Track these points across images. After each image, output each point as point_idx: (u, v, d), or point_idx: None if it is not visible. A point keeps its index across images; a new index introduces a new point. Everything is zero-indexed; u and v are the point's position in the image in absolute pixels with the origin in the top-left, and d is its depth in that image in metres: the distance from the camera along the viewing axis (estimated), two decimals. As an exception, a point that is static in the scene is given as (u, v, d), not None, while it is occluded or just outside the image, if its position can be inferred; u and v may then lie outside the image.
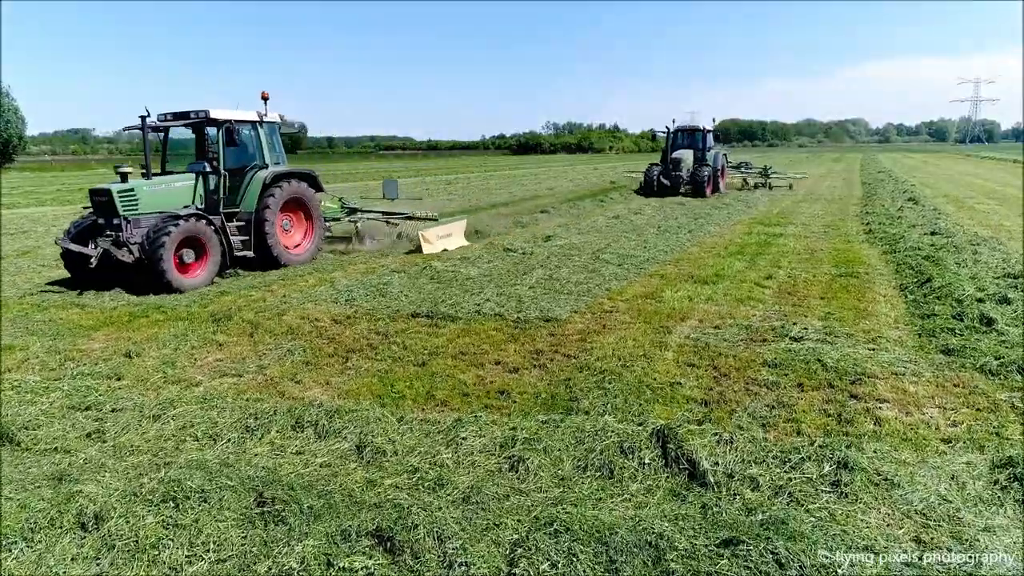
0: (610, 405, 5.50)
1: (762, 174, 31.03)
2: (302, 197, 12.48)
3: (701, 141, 27.07)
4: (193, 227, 10.33)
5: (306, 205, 12.66)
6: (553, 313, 8.47)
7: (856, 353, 6.73)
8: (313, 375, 6.43)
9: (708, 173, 25.42)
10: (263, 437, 4.88)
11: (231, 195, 11.68)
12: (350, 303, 9.15)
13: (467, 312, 8.55)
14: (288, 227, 12.47)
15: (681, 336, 7.50)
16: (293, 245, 12.51)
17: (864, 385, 5.90)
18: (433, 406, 5.62)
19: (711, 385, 6.01)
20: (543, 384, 6.08)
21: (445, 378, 6.27)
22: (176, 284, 9.97)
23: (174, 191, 10.97)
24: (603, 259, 12.37)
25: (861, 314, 8.44)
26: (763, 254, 12.93)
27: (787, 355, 6.69)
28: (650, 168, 27.27)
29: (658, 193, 25.86)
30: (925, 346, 7.05)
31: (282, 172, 12.13)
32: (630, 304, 9.06)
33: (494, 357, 6.87)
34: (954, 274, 9.62)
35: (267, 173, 11.86)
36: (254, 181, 11.79)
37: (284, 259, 11.97)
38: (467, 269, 11.39)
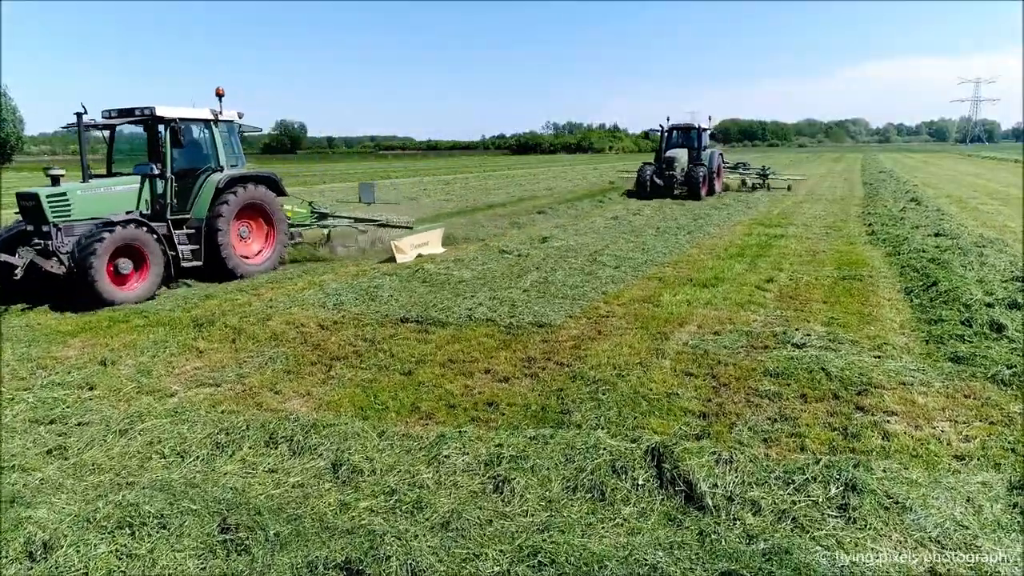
0: (603, 418, 5.22)
1: (760, 175, 29.82)
2: (261, 202, 11.53)
3: (696, 140, 25.86)
4: (130, 235, 9.37)
5: (266, 211, 11.68)
6: (547, 318, 8.19)
7: (861, 361, 6.45)
8: (294, 385, 6.14)
9: (703, 173, 24.22)
10: (234, 454, 4.60)
11: (181, 200, 10.76)
12: (338, 307, 8.87)
13: (458, 317, 8.27)
14: (246, 235, 11.51)
15: (679, 343, 7.22)
16: (251, 254, 11.57)
17: (871, 396, 5.62)
18: (417, 419, 5.34)
19: (710, 396, 5.73)
20: (534, 395, 5.80)
21: (431, 388, 5.99)
22: (109, 297, 9.03)
23: (115, 195, 10.03)
24: (600, 261, 12.09)
25: (865, 319, 8.16)
26: (764, 256, 12.64)
27: (789, 363, 6.41)
28: (643, 168, 25.72)
29: (651, 194, 24.61)
30: (933, 354, 6.77)
31: (238, 175, 11.21)
32: (627, 308, 8.78)
33: (484, 365, 6.59)
34: (960, 277, 9.34)
35: (221, 176, 10.93)
36: (206, 185, 10.87)
37: (240, 269, 11.01)
38: (460, 272, 11.10)
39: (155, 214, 10.38)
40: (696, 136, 25.96)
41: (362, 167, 66.91)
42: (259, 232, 11.80)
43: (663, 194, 24.54)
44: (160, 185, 10.46)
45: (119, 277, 9.34)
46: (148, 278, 9.66)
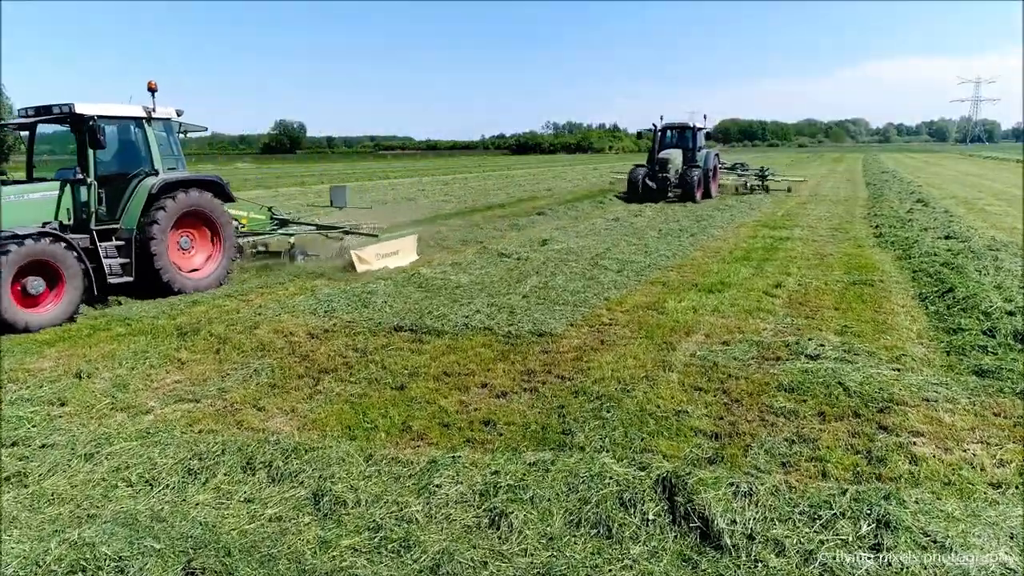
0: (608, 439, 4.85)
1: (758, 176, 28.32)
2: (204, 209, 10.25)
3: (691, 140, 24.54)
4: (41, 249, 8.16)
5: (211, 219, 10.38)
6: (547, 326, 7.82)
7: (880, 375, 6.09)
8: (278, 400, 5.77)
9: (698, 175, 22.96)
10: (207, 482, 4.23)
11: (110, 208, 9.56)
12: (329, 315, 8.50)
13: (454, 325, 7.90)
14: (188, 246, 10.24)
15: (686, 354, 6.85)
16: (194, 267, 10.32)
17: (893, 414, 5.25)
18: (408, 440, 4.97)
19: (722, 413, 5.37)
20: (534, 412, 5.43)
21: (425, 405, 5.62)
22: (13, 320, 7.86)
23: (28, 204, 8.85)
24: (602, 265, 11.73)
25: (880, 327, 7.79)
26: (770, 259, 12.28)
27: (804, 377, 6.04)
28: (634, 170, 24.21)
29: (643, 197, 23.09)
30: (955, 366, 6.40)
31: (176, 180, 9.94)
32: (630, 316, 8.42)
33: (481, 379, 6.22)
34: (977, 283, 8.97)
35: (155, 181, 9.67)
36: (138, 191, 9.65)
37: (179, 284, 9.80)
38: (457, 276, 10.74)
39: (79, 224, 9.24)
40: (691, 136, 24.67)
41: (361, 167, 66.56)
42: (203, 242, 10.49)
43: (656, 197, 23.15)
44: (84, 192, 9.28)
45: (29, 298, 8.14)
46: (65, 297, 8.40)
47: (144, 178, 9.81)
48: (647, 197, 23.17)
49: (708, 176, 24.07)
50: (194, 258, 10.40)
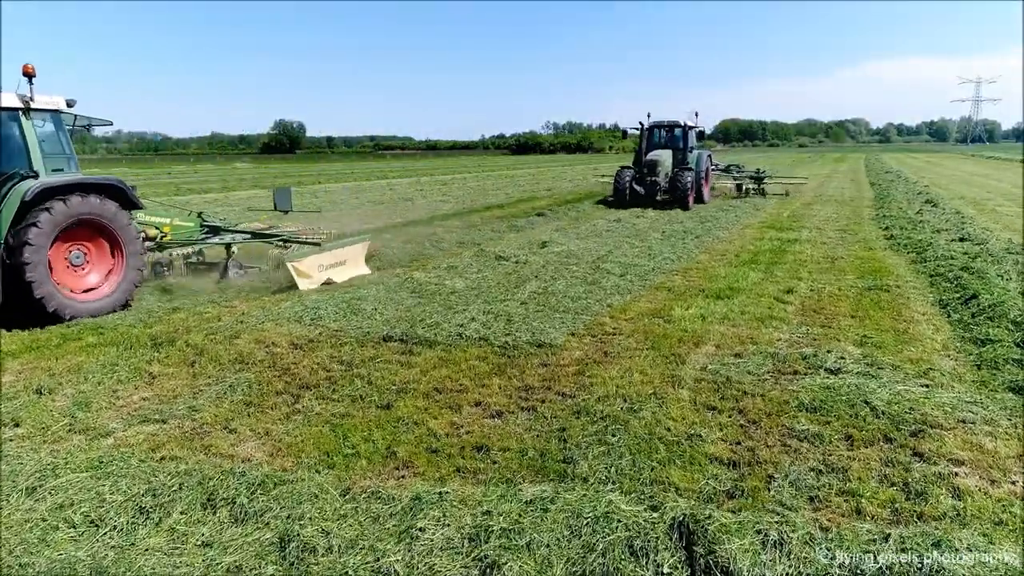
0: (615, 469, 4.36)
1: (754, 179, 26.27)
2: (101, 219, 8.61)
3: (682, 139, 22.25)
4: None
5: (109, 230, 8.75)
6: (547, 336, 7.33)
7: (909, 392, 5.59)
8: (252, 421, 5.27)
9: (690, 179, 20.68)
10: (161, 522, 3.73)
11: None
12: (316, 323, 8.01)
13: (448, 335, 7.40)
14: (80, 262, 8.64)
15: (696, 367, 6.36)
16: (89, 287, 8.67)
17: (929, 439, 4.76)
18: (392, 469, 4.47)
19: (739, 437, 4.87)
20: (531, 436, 4.93)
21: (412, 426, 5.13)
22: None
23: None
24: (604, 269, 11.23)
25: (902, 337, 7.30)
26: (779, 263, 11.79)
27: (826, 394, 5.55)
28: (620, 172, 21.70)
29: (631, 203, 20.94)
30: (989, 382, 5.91)
31: (60, 184, 8.25)
32: (635, 324, 7.92)
33: (474, 396, 5.72)
34: (1002, 289, 8.48)
35: (31, 186, 7.99)
36: (9, 198, 8.01)
37: (69, 310, 8.19)
38: (452, 281, 10.24)
39: None
40: (682, 135, 22.38)
41: (360, 167, 66.08)
42: (100, 257, 8.85)
43: (644, 203, 20.91)
44: None
45: None
46: None
47: (18, 182, 8.16)
48: (635, 203, 20.98)
49: (701, 179, 22.14)
50: (88, 276, 8.73)
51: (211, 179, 42.89)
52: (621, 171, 21.88)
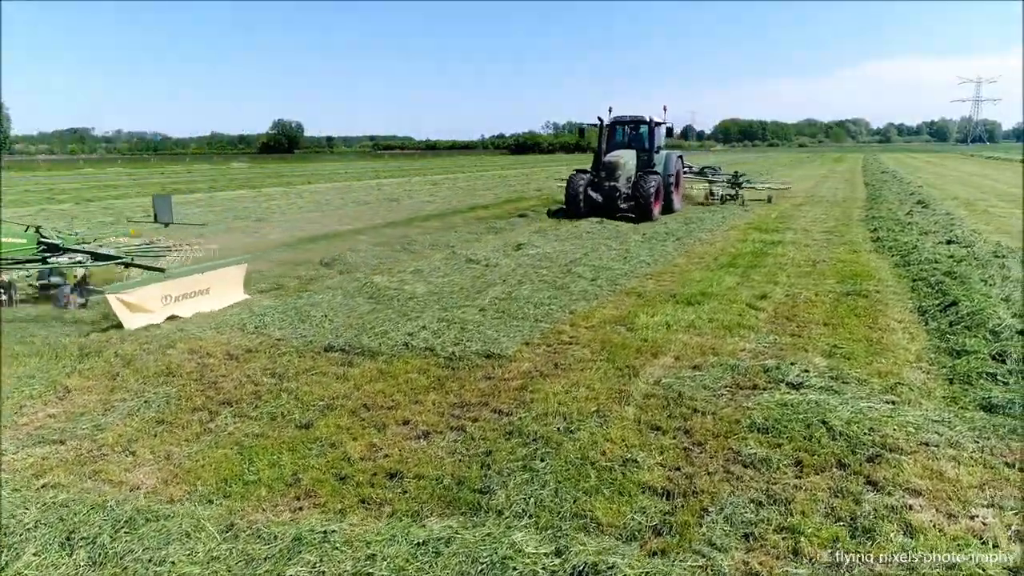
0: (534, 500, 3.95)
1: (731, 183, 23.47)
2: None
3: (647, 139, 18.94)
4: None
5: None
6: (498, 346, 6.92)
7: (872, 410, 5.18)
8: (156, 442, 4.87)
9: (655, 184, 17.52)
10: (7, 566, 3.32)
11: None
12: (259, 331, 7.60)
13: (393, 345, 6.99)
14: None
15: (649, 381, 5.94)
16: None
17: (885, 465, 4.35)
18: (291, 499, 4.06)
19: (679, 463, 4.46)
20: (453, 460, 4.52)
21: (327, 449, 4.72)
22: None
23: None
24: (575, 272, 10.83)
25: (874, 347, 6.89)
26: (758, 266, 11.37)
27: (783, 413, 5.14)
28: (574, 177, 18.40)
29: (587, 212, 17.83)
30: (959, 398, 5.50)
31: None
32: (595, 333, 7.51)
33: (404, 413, 5.31)
34: (983, 296, 8.06)
35: None
36: None
37: None
38: (414, 286, 9.83)
39: None
40: (647, 134, 19.02)
41: (355, 167, 65.74)
42: None
43: (602, 212, 17.82)
44: None
45: None
46: None
47: None
48: (592, 211, 17.89)
49: (669, 185, 19.13)
50: None
51: (202, 179, 42.49)
52: (575, 175, 18.50)
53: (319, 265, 11.49)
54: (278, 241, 14.86)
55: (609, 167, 18.02)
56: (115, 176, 47.74)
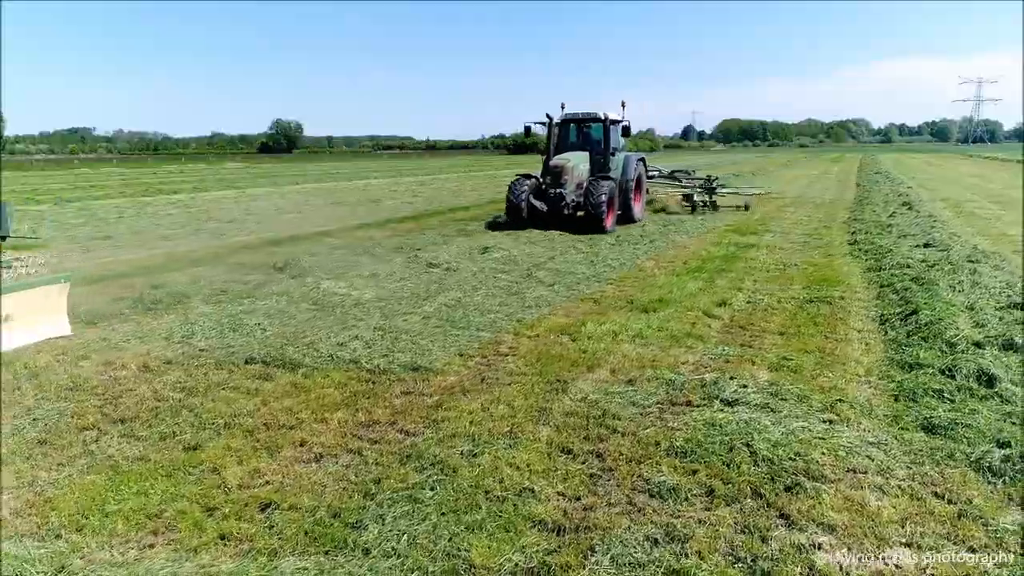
0: (408, 536, 3.60)
1: (705, 188, 20.79)
2: None
3: (603, 140, 16.73)
4: None
5: None
6: (428, 358, 6.57)
7: (804, 431, 4.82)
8: (26, 466, 4.52)
9: (608, 191, 15.35)
10: None
11: None
12: (185, 340, 7.25)
13: (318, 356, 6.64)
14: None
15: (576, 397, 5.59)
16: None
17: (803, 496, 3.99)
18: (145, 535, 3.71)
19: (580, 492, 4.10)
20: (336, 489, 4.17)
21: (207, 474, 4.37)
22: None
23: None
24: (535, 277, 10.49)
25: (825, 360, 6.53)
26: (726, 270, 11.01)
27: (707, 434, 4.78)
28: (516, 183, 16.10)
29: (530, 222, 15.63)
30: (901, 417, 5.13)
31: None
32: (536, 343, 7.16)
33: (304, 434, 4.96)
34: (946, 304, 7.69)
35: None
36: None
37: None
38: (363, 291, 9.48)
39: None
40: (602, 133, 16.78)
41: (349, 166, 65.48)
42: None
43: (549, 223, 15.58)
44: None
45: None
46: None
47: None
48: (536, 221, 15.70)
49: (628, 192, 16.77)
50: None
51: (191, 180, 42.17)
52: (517, 181, 16.24)
53: (272, 269, 11.13)
54: (241, 244, 14.52)
55: (554, 172, 15.83)
56: (106, 176, 47.42)
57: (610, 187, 15.63)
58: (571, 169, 15.81)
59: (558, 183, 15.70)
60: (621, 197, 16.48)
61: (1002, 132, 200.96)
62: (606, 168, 16.43)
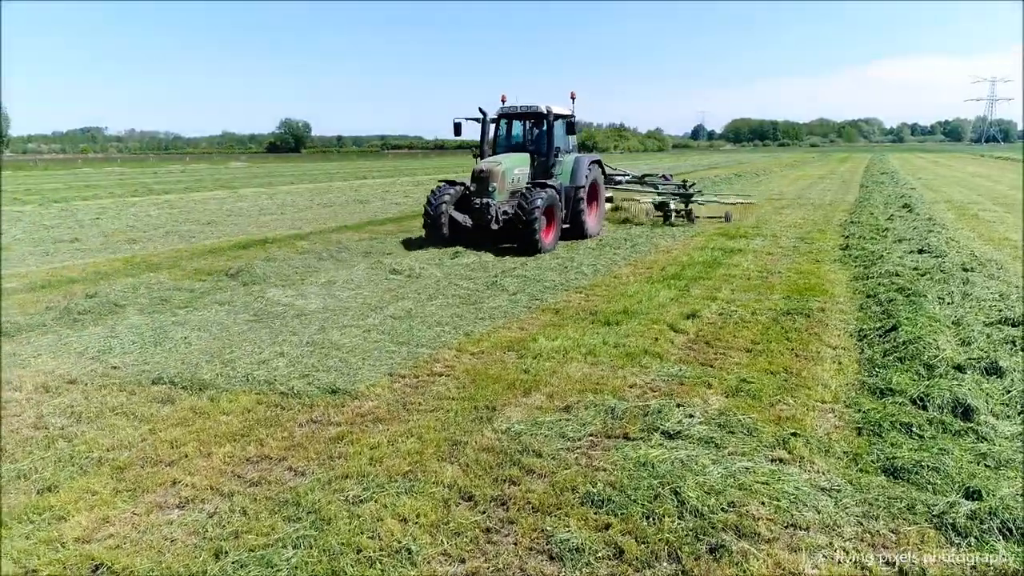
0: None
1: (680, 196, 17.66)
2: None
3: (545, 139, 13.95)
4: None
5: None
6: (352, 379, 5.99)
7: (747, 473, 4.21)
8: None
9: (545, 201, 12.35)
10: None
11: None
12: (100, 356, 6.71)
13: (234, 376, 6.07)
14: None
15: (500, 428, 4.98)
16: None
17: (726, 561, 3.37)
18: (-65, 607, 3.14)
19: (466, 553, 3.50)
20: (185, 546, 3.57)
21: (48, 523, 3.80)
22: None
23: None
24: (500, 284, 9.88)
25: (790, 382, 5.90)
26: (704, 278, 10.36)
27: (635, 476, 4.18)
28: (438, 191, 13.22)
29: (451, 238, 12.98)
30: (862, 456, 4.50)
31: None
32: (476, 361, 6.57)
33: (178, 472, 4.38)
34: (930, 319, 7.03)
35: None
36: None
37: None
38: (311, 300, 8.91)
39: None
40: (545, 131, 13.99)
41: (352, 166, 65.00)
42: None
43: (478, 241, 12.97)
44: None
45: None
46: None
47: None
48: (455, 237, 13.03)
49: (578, 200, 13.88)
50: None
51: (187, 180, 41.78)
52: (440, 188, 13.32)
53: (224, 275, 10.57)
54: (208, 247, 13.98)
55: (480, 178, 12.88)
56: (105, 176, 47.13)
57: (548, 196, 12.62)
58: (501, 174, 12.94)
59: (484, 191, 12.81)
60: (571, 207, 13.87)
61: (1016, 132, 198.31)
62: (547, 172, 13.80)
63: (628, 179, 20.29)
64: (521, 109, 14.13)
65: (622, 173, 20.55)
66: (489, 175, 12.86)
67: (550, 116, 13.83)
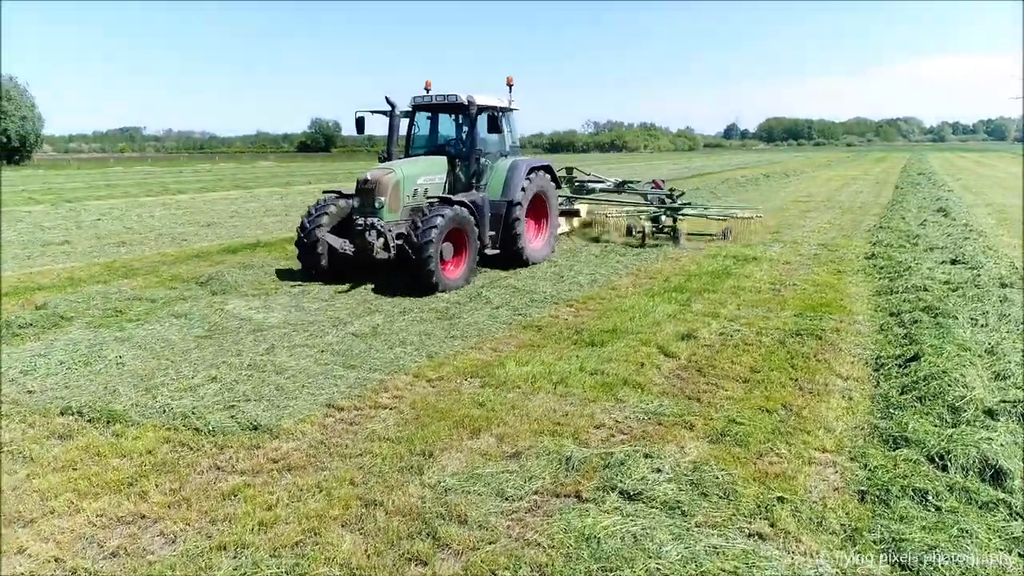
0: None
1: (665, 208, 14.42)
2: None
3: (468, 138, 10.90)
4: None
5: None
6: (281, 413, 5.26)
7: (714, 556, 3.37)
8: None
9: (444, 223, 9.21)
10: None
11: None
12: (18, 380, 6.07)
13: (150, 406, 5.38)
14: None
15: (429, 482, 4.20)
16: None
17: None
18: None
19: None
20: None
21: None
22: None
23: None
24: (484, 296, 9.11)
25: (787, 424, 5.03)
26: (710, 290, 9.45)
27: (571, 557, 3.37)
28: (317, 208, 10.24)
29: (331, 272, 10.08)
30: (862, 532, 3.62)
31: None
32: (432, 389, 5.80)
33: (29, 535, 3.69)
34: (959, 347, 6.06)
35: None
36: None
37: None
38: (271, 312, 8.23)
39: None
40: (467, 126, 10.97)
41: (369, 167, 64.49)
42: None
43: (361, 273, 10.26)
44: None
45: None
46: None
47: None
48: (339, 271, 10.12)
49: (513, 218, 10.73)
50: None
51: (209, 180, 41.74)
52: (321, 203, 10.32)
53: (193, 283, 9.94)
54: (195, 251, 13.41)
55: (362, 191, 9.74)
56: (131, 175, 47.37)
57: (453, 216, 9.42)
58: (392, 185, 9.69)
59: (370, 208, 9.60)
60: (502, 229, 10.70)
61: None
62: (471, 183, 10.83)
63: (605, 188, 16.87)
64: (437, 100, 10.82)
65: (596, 179, 17.34)
66: (376, 187, 9.56)
67: (472, 108, 10.55)
